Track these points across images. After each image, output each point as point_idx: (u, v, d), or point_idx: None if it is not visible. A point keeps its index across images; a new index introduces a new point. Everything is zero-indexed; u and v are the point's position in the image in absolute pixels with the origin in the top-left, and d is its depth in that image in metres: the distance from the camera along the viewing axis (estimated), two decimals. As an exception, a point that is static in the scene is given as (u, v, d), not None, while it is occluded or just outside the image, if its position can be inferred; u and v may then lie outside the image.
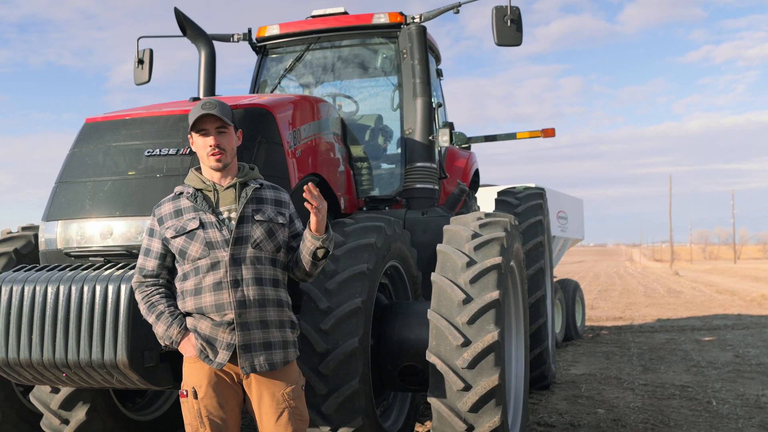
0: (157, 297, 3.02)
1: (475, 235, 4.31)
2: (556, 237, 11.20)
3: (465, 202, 6.77)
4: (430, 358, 3.88)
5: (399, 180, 6.01)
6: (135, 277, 3.09)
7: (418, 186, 5.83)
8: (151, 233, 3.09)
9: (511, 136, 8.31)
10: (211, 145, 3.01)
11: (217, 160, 3.02)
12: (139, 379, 3.36)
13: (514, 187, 7.74)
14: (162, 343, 3.04)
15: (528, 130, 8.15)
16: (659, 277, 40.33)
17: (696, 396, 7.01)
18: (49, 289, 3.39)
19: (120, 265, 3.57)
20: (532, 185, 8.09)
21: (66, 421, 4.29)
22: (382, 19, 6.19)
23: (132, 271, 3.39)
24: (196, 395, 2.97)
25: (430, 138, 5.88)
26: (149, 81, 6.44)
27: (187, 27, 5.77)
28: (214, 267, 2.94)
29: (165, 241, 3.03)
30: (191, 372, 3.01)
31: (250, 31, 6.67)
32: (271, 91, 6.55)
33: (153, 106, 4.39)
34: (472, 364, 3.80)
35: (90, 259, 3.78)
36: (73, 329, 3.33)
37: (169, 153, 3.87)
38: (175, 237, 2.99)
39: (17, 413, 4.86)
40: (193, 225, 2.97)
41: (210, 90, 6.15)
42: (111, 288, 3.33)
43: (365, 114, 6.49)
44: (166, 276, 3.08)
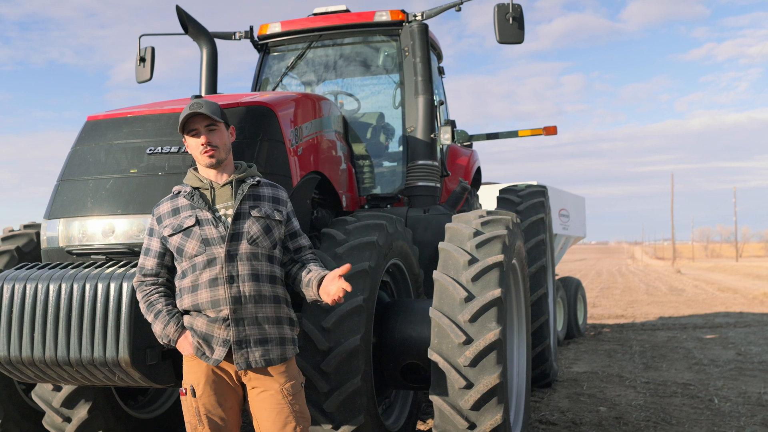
0: (156, 296, 3.05)
1: (476, 233, 4.31)
2: (557, 235, 11.20)
3: (467, 200, 6.77)
4: (432, 356, 3.88)
5: (401, 178, 6.01)
6: (136, 276, 3.13)
7: (420, 184, 5.83)
8: (151, 233, 3.12)
9: (513, 134, 8.30)
10: (203, 144, 3.04)
11: (210, 156, 3.05)
12: (140, 377, 3.36)
13: (515, 185, 7.73)
14: (161, 342, 3.06)
15: (530, 128, 8.15)
16: (661, 275, 40.32)
17: (698, 394, 7.01)
18: (51, 288, 3.39)
19: (122, 263, 3.57)
20: (534, 183, 8.07)
21: (68, 419, 4.30)
22: (383, 16, 6.19)
23: (134, 269, 3.39)
24: (194, 393, 2.98)
25: (432, 136, 5.87)
26: (151, 79, 6.43)
27: (188, 25, 5.77)
28: (210, 264, 2.96)
29: (163, 240, 3.06)
30: (190, 370, 3.02)
31: (251, 28, 6.66)
32: (273, 89, 6.54)
33: (155, 104, 4.38)
34: (474, 362, 3.80)
35: (92, 257, 3.78)
36: (75, 327, 3.33)
37: (171, 151, 3.87)
38: (172, 235, 3.02)
39: (19, 411, 4.87)
40: (190, 222, 3.00)
41: (212, 88, 6.15)
42: (113, 286, 3.33)
43: (367, 112, 6.49)
44: (166, 275, 3.11)
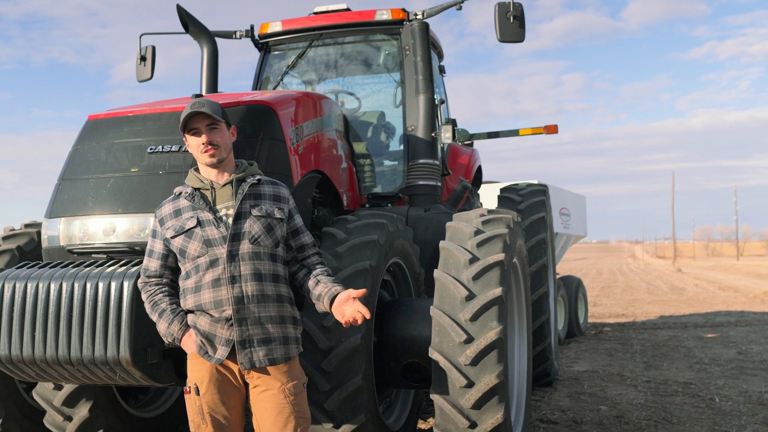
0: (160, 296, 3.06)
1: (477, 232, 4.30)
2: (558, 234, 11.19)
3: (467, 199, 6.77)
4: (433, 354, 3.88)
5: (401, 177, 6.01)
6: (140, 278, 3.14)
7: (421, 183, 5.83)
8: (154, 234, 3.12)
9: (514, 133, 8.30)
10: (203, 143, 3.03)
11: (211, 155, 3.04)
12: (142, 376, 3.36)
13: (516, 184, 7.73)
14: (165, 341, 3.06)
15: (531, 127, 8.15)
16: (662, 274, 40.31)
17: (699, 393, 7.01)
18: (52, 286, 3.39)
19: (123, 262, 3.57)
20: (535, 182, 8.07)
21: (69, 418, 4.30)
22: (384, 15, 6.19)
23: (135, 268, 3.40)
24: (198, 391, 2.98)
25: (433, 135, 5.87)
26: (152, 78, 6.43)
27: (189, 24, 5.77)
28: (212, 264, 2.96)
29: (166, 242, 3.06)
30: (194, 368, 3.02)
31: (252, 27, 6.66)
32: (274, 88, 6.54)
33: (155, 103, 4.38)
34: (475, 361, 3.79)
35: (93, 256, 3.78)
36: (76, 326, 3.33)
37: (172, 150, 3.87)
38: (174, 237, 3.02)
39: (20, 410, 4.87)
40: (191, 224, 2.99)
41: (212, 87, 6.15)
42: (114, 285, 3.33)
43: (368, 111, 6.49)
44: (170, 276, 3.11)
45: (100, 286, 3.34)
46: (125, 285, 3.32)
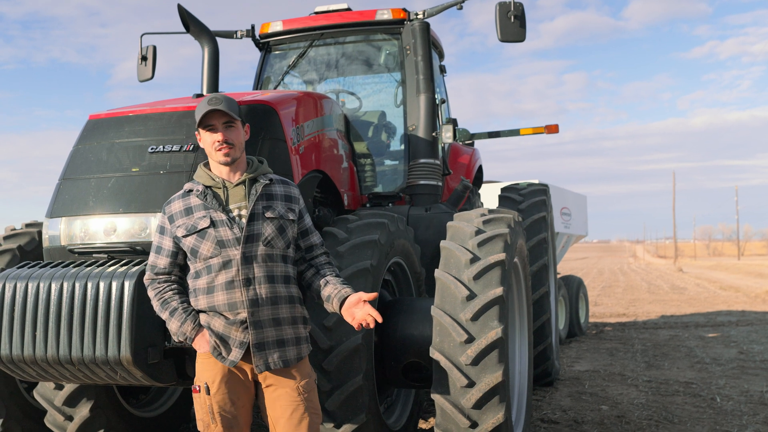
0: (170, 293, 3.01)
1: (478, 232, 4.30)
2: (559, 233, 11.18)
3: (468, 199, 6.77)
4: (434, 354, 3.88)
5: (402, 176, 6.01)
6: (147, 275, 3.08)
7: (422, 182, 5.83)
8: (162, 231, 3.07)
9: (515, 133, 8.30)
10: (218, 140, 2.99)
11: (225, 154, 3.00)
12: (142, 375, 3.36)
13: (517, 184, 7.73)
14: (176, 339, 3.02)
15: (531, 127, 8.15)
16: (663, 274, 40.30)
17: (700, 392, 7.00)
18: (53, 286, 3.39)
19: (124, 261, 3.57)
20: (536, 182, 8.07)
21: (70, 418, 4.30)
22: (385, 15, 6.19)
23: (136, 267, 3.39)
24: (208, 391, 2.95)
25: (434, 134, 5.87)
26: (152, 78, 6.43)
27: (190, 24, 5.76)
28: (225, 266, 2.93)
29: (176, 240, 3.01)
30: (204, 368, 2.99)
31: (253, 27, 6.66)
32: (275, 88, 6.54)
33: (156, 103, 4.38)
34: (476, 361, 3.79)
35: (93, 255, 3.78)
36: (76, 326, 3.33)
37: (173, 149, 3.87)
38: (186, 236, 2.97)
39: (21, 410, 4.87)
40: (204, 224, 2.95)
41: (213, 86, 6.15)
42: (114, 285, 3.32)
43: (368, 110, 6.49)
44: (178, 273, 3.07)
45: (101, 285, 3.34)
46: (126, 285, 3.31)
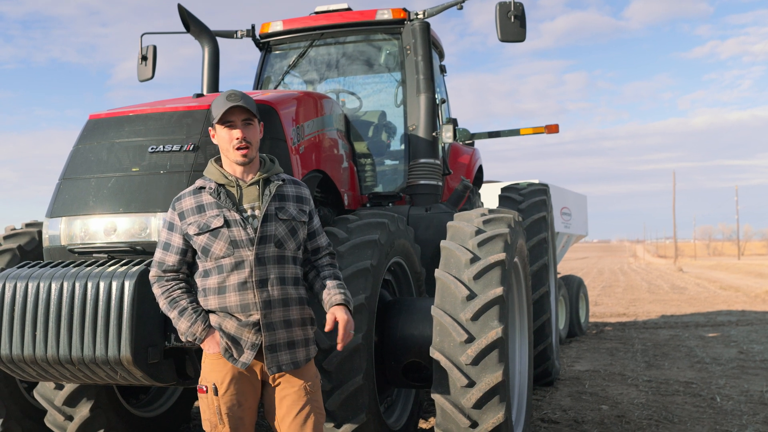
0: (179, 292, 2.95)
1: (478, 232, 4.30)
2: (559, 233, 11.18)
3: (468, 199, 6.77)
4: (434, 354, 3.88)
5: (402, 176, 6.01)
6: (153, 271, 3.01)
7: (422, 182, 5.83)
8: (171, 227, 2.99)
9: (515, 133, 8.30)
10: (238, 138, 2.94)
11: (244, 155, 2.95)
12: (142, 375, 3.36)
13: (517, 184, 7.73)
14: (183, 339, 2.98)
15: (532, 126, 8.15)
16: (663, 274, 40.29)
17: (700, 392, 7.00)
18: (53, 286, 3.39)
19: (124, 261, 3.56)
20: (536, 181, 8.07)
21: (70, 418, 4.30)
22: (385, 15, 6.19)
23: (136, 267, 3.38)
24: (216, 392, 2.91)
25: (434, 134, 5.87)
26: (153, 77, 6.43)
27: (190, 23, 5.77)
28: (238, 266, 2.89)
29: (187, 237, 2.95)
30: (213, 368, 2.95)
31: (253, 27, 6.66)
32: (275, 88, 6.55)
33: (156, 103, 4.38)
34: (476, 361, 3.79)
35: (94, 255, 3.78)
36: (77, 326, 3.33)
37: (173, 149, 3.87)
38: (198, 234, 2.91)
39: (21, 409, 4.87)
40: (218, 223, 2.90)
41: (213, 86, 6.15)
42: (115, 284, 3.32)
43: (369, 110, 6.49)
44: (186, 271, 3.01)
45: (101, 285, 3.33)
46: (126, 284, 3.31)
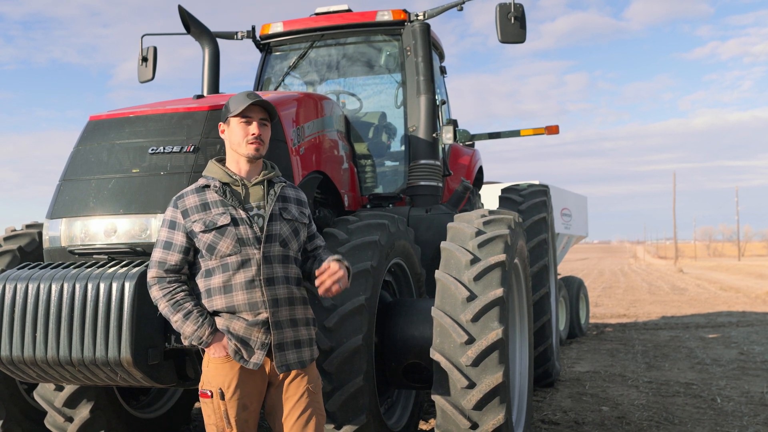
0: (182, 294, 2.90)
1: (479, 233, 4.30)
2: (560, 234, 11.19)
3: (469, 200, 6.77)
4: (434, 355, 3.88)
5: (403, 177, 6.01)
6: (153, 271, 2.93)
7: (422, 183, 5.83)
8: (173, 226, 2.94)
9: (515, 134, 8.29)
10: (254, 134, 2.98)
11: (256, 149, 2.98)
12: (142, 376, 3.35)
13: (518, 185, 7.73)
14: (186, 343, 2.94)
15: (532, 127, 8.14)
16: (663, 275, 40.29)
17: (700, 393, 7.00)
18: (53, 287, 3.38)
19: (124, 262, 3.56)
20: (536, 182, 8.07)
21: (70, 419, 4.30)
22: (385, 16, 6.19)
23: (136, 269, 3.37)
24: (222, 396, 2.88)
25: (434, 135, 5.87)
26: (153, 79, 6.44)
27: (191, 25, 5.77)
28: (244, 264, 2.88)
29: (191, 235, 2.92)
30: (219, 372, 2.90)
31: (253, 28, 6.67)
32: (275, 89, 6.55)
33: (157, 104, 4.38)
34: (476, 362, 3.79)
35: (94, 257, 3.77)
36: (77, 327, 3.32)
37: (173, 150, 3.87)
38: (204, 231, 2.89)
39: (21, 411, 4.87)
40: (224, 220, 2.89)
41: (214, 87, 6.16)
42: (115, 286, 3.32)
43: (369, 111, 6.49)
44: (187, 272, 2.97)
45: (101, 286, 3.33)
46: (126, 286, 3.30)
